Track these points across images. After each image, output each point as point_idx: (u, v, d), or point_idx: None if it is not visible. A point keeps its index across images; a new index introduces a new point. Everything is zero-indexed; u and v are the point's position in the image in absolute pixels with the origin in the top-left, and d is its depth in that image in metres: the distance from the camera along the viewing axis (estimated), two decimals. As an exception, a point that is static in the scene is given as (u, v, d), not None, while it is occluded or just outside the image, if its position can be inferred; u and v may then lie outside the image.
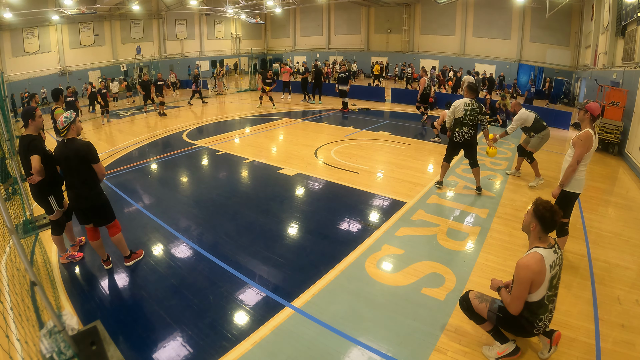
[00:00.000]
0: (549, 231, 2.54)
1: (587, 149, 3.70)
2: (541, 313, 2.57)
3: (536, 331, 2.63)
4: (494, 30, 22.92)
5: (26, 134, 3.78)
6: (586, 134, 3.68)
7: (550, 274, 2.49)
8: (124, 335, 3.06)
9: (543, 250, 2.52)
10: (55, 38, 22.26)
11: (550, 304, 2.61)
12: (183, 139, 10.08)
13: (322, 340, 2.99)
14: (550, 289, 2.54)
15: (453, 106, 5.79)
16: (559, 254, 2.59)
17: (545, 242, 2.56)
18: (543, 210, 2.50)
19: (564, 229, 3.97)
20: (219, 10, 26.22)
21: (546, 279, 2.48)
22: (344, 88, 13.77)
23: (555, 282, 2.58)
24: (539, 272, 2.45)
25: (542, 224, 2.51)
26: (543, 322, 2.61)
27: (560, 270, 2.61)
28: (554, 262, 2.53)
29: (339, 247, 4.41)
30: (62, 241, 4.13)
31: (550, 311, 2.62)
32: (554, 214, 2.49)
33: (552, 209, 2.50)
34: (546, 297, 2.54)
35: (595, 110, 3.72)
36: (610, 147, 9.07)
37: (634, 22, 9.76)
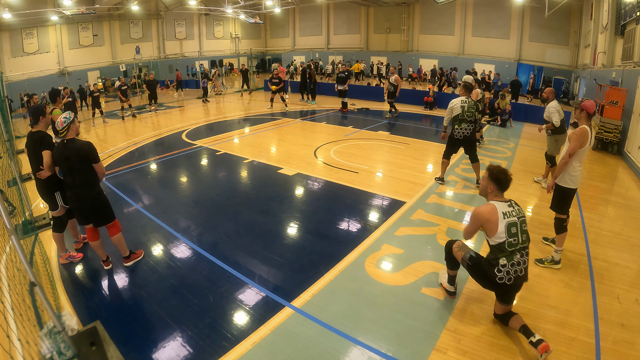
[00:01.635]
0: (504, 190, 2.94)
1: (581, 145, 3.71)
2: (502, 257, 2.85)
3: (499, 279, 2.85)
4: (493, 29, 22.92)
5: (37, 130, 3.86)
6: (581, 130, 3.73)
7: (505, 220, 2.84)
8: (124, 335, 3.06)
9: (497, 202, 2.92)
10: (55, 38, 22.24)
11: (514, 254, 2.84)
12: (182, 139, 10.07)
13: (322, 340, 2.99)
14: (510, 237, 2.83)
15: (450, 105, 5.91)
16: (515, 208, 2.91)
17: (499, 197, 2.95)
18: (497, 173, 2.90)
19: (563, 225, 3.97)
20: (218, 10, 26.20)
21: (501, 225, 2.84)
22: (343, 88, 13.78)
23: (516, 231, 2.85)
24: (490, 218, 2.85)
25: (498, 184, 2.92)
26: (506, 271, 2.84)
27: (521, 224, 2.87)
28: (508, 212, 2.86)
29: (338, 247, 4.42)
30: (62, 240, 4.14)
31: (514, 263, 2.83)
32: (506, 175, 2.90)
33: (505, 171, 2.91)
34: (507, 243, 2.84)
35: (591, 107, 3.79)
36: (609, 146, 9.07)
37: (633, 21, 9.76)
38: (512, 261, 2.84)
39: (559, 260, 3.98)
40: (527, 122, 12.52)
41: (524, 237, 2.89)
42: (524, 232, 2.89)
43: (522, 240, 2.87)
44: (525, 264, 2.90)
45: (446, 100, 14.91)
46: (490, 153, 8.55)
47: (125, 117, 13.49)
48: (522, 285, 2.98)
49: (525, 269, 2.91)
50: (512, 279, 2.85)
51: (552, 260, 4.00)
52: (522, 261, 2.87)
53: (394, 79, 12.17)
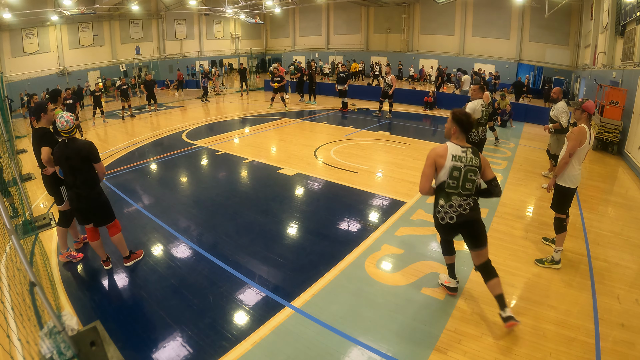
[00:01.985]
0: (466, 132, 3.04)
1: (580, 143, 3.73)
2: (440, 198, 3.04)
3: (440, 220, 3.04)
4: (493, 29, 22.93)
5: (39, 127, 3.92)
6: (580, 129, 3.76)
7: (451, 162, 2.95)
8: (124, 335, 3.06)
9: (452, 144, 3.02)
10: (55, 38, 22.25)
11: (452, 196, 2.98)
12: (182, 139, 10.07)
13: (322, 340, 2.99)
14: (451, 179, 2.96)
15: (472, 108, 5.76)
16: (468, 156, 2.96)
17: (459, 141, 3.03)
18: (460, 115, 3.01)
19: (562, 225, 3.97)
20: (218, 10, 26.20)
21: (447, 165, 2.95)
22: (343, 88, 13.79)
23: (458, 176, 2.95)
24: (441, 156, 2.97)
25: (460, 125, 3.01)
26: (444, 211, 3.01)
27: (466, 172, 2.95)
28: (458, 156, 2.95)
29: (338, 247, 4.42)
30: (66, 236, 4.18)
31: (452, 204, 2.97)
32: (468, 117, 3.01)
33: (467, 114, 3.02)
34: (446, 184, 2.98)
35: (591, 108, 3.84)
36: (609, 146, 9.07)
37: (633, 21, 9.77)
38: (450, 202, 2.98)
39: (559, 260, 3.98)
40: (527, 122, 12.53)
41: (468, 185, 2.96)
42: (468, 181, 2.96)
43: (465, 187, 2.96)
44: (470, 205, 2.97)
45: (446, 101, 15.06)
46: (490, 153, 8.55)
47: (125, 117, 13.50)
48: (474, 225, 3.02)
49: (472, 209, 2.97)
50: (453, 218, 2.97)
51: (552, 260, 3.99)
52: (464, 204, 2.97)
53: (389, 78, 12.14)
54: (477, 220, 3.04)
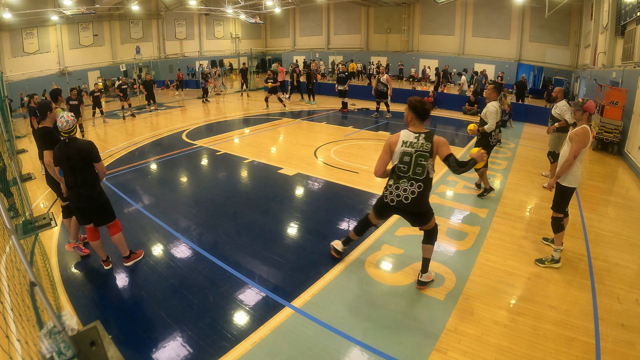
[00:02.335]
0: (422, 118, 3.20)
1: (584, 145, 3.76)
2: (391, 178, 3.25)
3: (384, 197, 3.30)
4: (494, 29, 22.93)
5: (42, 126, 3.98)
6: (583, 130, 3.77)
7: (401, 148, 3.16)
8: (124, 335, 3.06)
9: (406, 131, 3.21)
10: (55, 38, 22.26)
11: (401, 179, 3.17)
12: (183, 139, 10.07)
13: (322, 340, 2.99)
14: (402, 164, 3.16)
15: (492, 111, 5.51)
16: (420, 141, 3.13)
17: (414, 128, 3.21)
18: (414, 102, 3.18)
19: (560, 224, 3.99)
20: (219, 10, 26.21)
21: (397, 150, 3.18)
22: (343, 88, 13.78)
23: (409, 161, 3.13)
24: (393, 142, 3.22)
25: (415, 112, 3.17)
26: (389, 191, 3.25)
27: (416, 157, 3.12)
28: (409, 142, 3.15)
29: (338, 247, 4.41)
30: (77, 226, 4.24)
31: (399, 186, 3.18)
32: (423, 103, 3.17)
33: (422, 100, 3.19)
34: (397, 167, 3.20)
35: (592, 108, 3.87)
36: (609, 146, 9.07)
37: (633, 21, 9.76)
38: (398, 184, 3.18)
39: (559, 259, 4.00)
40: (527, 122, 12.53)
41: (418, 170, 3.11)
42: (419, 166, 3.11)
43: (415, 172, 3.12)
44: (414, 194, 3.14)
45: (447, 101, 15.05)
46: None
47: (125, 116, 13.50)
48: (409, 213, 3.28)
49: (413, 199, 3.14)
50: (394, 200, 3.21)
51: (552, 259, 4.01)
52: (409, 190, 3.14)
53: (384, 78, 12.06)
54: (415, 213, 3.27)
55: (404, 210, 3.26)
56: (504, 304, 3.43)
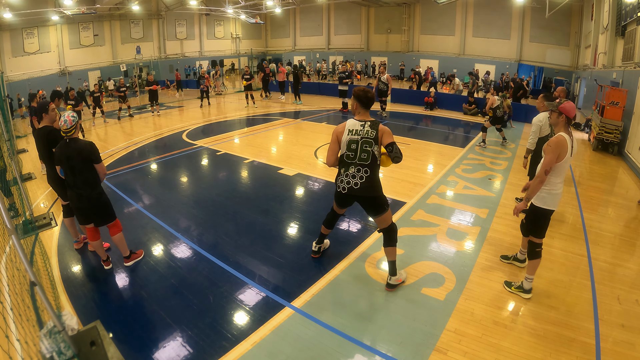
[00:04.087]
0: (366, 107, 3.30)
1: (558, 157, 3.10)
2: (341, 167, 3.37)
3: (337, 187, 3.43)
4: (494, 30, 22.92)
5: (43, 126, 4.01)
6: (557, 139, 3.11)
7: (347, 136, 3.26)
8: (124, 335, 3.06)
9: (352, 120, 3.32)
10: (55, 38, 22.26)
11: (349, 166, 3.29)
12: (183, 139, 10.08)
13: (322, 340, 2.99)
14: (349, 151, 3.27)
15: (537, 125, 5.04)
16: (365, 129, 3.24)
17: (360, 116, 3.32)
18: (358, 92, 3.30)
19: (536, 251, 3.41)
20: (219, 10, 26.20)
21: (344, 139, 3.27)
22: (344, 88, 13.79)
23: (355, 148, 3.24)
24: (340, 132, 3.31)
25: (359, 101, 3.29)
26: (340, 179, 3.36)
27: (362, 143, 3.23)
28: (355, 130, 3.25)
29: (339, 247, 4.41)
30: (74, 224, 4.27)
31: (348, 174, 3.30)
32: (366, 93, 3.27)
33: (365, 89, 3.30)
34: (345, 155, 3.30)
35: (570, 111, 3.17)
36: (610, 147, 9.07)
37: (633, 22, 9.76)
38: (347, 172, 3.29)
39: (530, 289, 3.47)
40: (527, 122, 12.52)
41: (363, 155, 3.23)
42: (364, 152, 3.23)
43: (360, 157, 3.24)
44: (362, 179, 3.26)
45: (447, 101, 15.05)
46: (490, 154, 8.55)
47: (121, 117, 13.45)
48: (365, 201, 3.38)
49: (362, 184, 3.26)
50: (345, 189, 3.32)
51: (520, 287, 3.51)
52: (357, 175, 3.27)
53: (385, 77, 12.17)
54: (367, 197, 3.35)
55: (356, 197, 3.39)
56: (504, 305, 3.43)
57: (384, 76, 12.18)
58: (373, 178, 3.30)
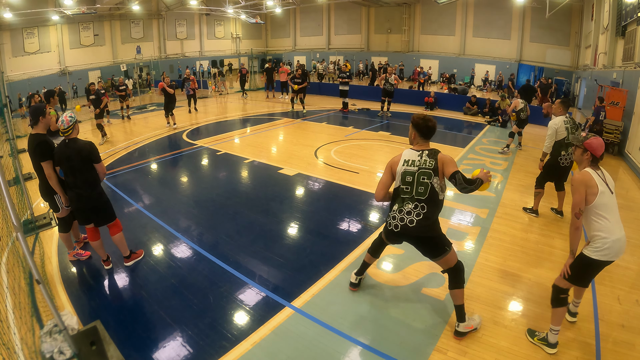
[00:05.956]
0: (426, 137, 2.96)
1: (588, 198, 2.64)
2: (393, 203, 3.00)
3: (388, 225, 3.01)
4: (494, 30, 22.91)
5: (35, 133, 3.74)
6: (580, 176, 2.68)
7: (402, 167, 2.91)
8: (124, 335, 3.06)
9: (408, 150, 2.99)
10: (55, 38, 22.25)
11: (405, 201, 2.89)
12: (183, 139, 10.08)
13: (322, 340, 2.99)
14: (403, 184, 2.90)
15: (553, 128, 4.97)
16: (423, 158, 2.88)
17: (418, 146, 2.99)
18: (417, 119, 2.94)
19: (560, 297, 2.84)
20: (219, 10, 26.20)
21: (399, 170, 2.92)
22: (345, 88, 13.80)
23: (411, 180, 2.87)
24: (395, 162, 2.97)
25: (418, 130, 2.94)
26: (392, 216, 2.95)
27: (419, 175, 2.85)
28: (411, 161, 2.90)
29: (339, 247, 4.42)
30: (69, 239, 4.17)
31: (403, 210, 2.88)
32: (427, 121, 2.92)
33: (425, 117, 2.94)
34: (400, 189, 2.93)
35: (598, 148, 2.70)
36: (610, 147, 9.06)
37: (634, 22, 9.76)
38: (402, 207, 2.89)
39: (555, 343, 2.86)
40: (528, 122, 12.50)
41: (420, 189, 2.83)
42: (421, 185, 2.83)
43: (417, 191, 2.84)
44: (419, 216, 2.82)
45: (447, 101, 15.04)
46: (490, 154, 8.55)
47: (124, 116, 13.47)
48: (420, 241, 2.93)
49: (419, 222, 2.82)
50: (398, 226, 2.90)
51: (544, 339, 2.91)
52: (413, 212, 2.84)
53: (392, 78, 12.25)
54: (422, 238, 2.89)
55: (410, 236, 2.92)
56: (504, 305, 3.43)
57: (392, 77, 12.24)
58: (431, 215, 2.85)
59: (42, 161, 3.66)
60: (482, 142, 9.72)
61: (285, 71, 17.22)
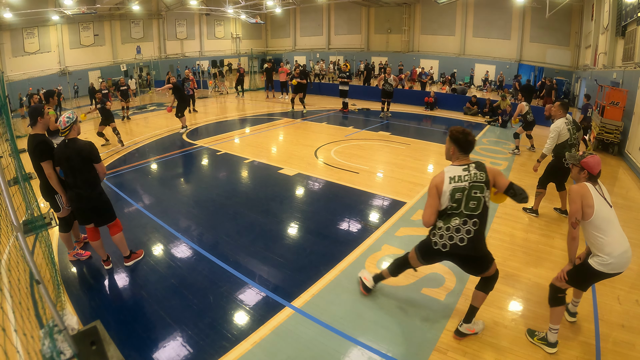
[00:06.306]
0: (466, 151, 2.78)
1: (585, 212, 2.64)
2: (441, 223, 2.72)
3: (433, 244, 2.75)
4: (494, 30, 22.92)
5: (34, 133, 3.74)
6: (577, 188, 2.69)
7: (450, 185, 2.67)
8: (124, 335, 3.06)
9: (450, 166, 2.78)
10: (55, 38, 22.25)
11: (452, 217, 2.67)
12: (183, 139, 10.07)
13: (322, 340, 2.99)
14: (453, 202, 2.66)
15: (555, 131, 4.99)
16: (471, 172, 2.69)
17: (458, 162, 2.78)
18: (457, 134, 2.75)
19: (558, 297, 2.87)
20: (219, 10, 26.21)
21: (445, 190, 2.68)
22: (344, 88, 13.80)
23: (461, 197, 2.64)
24: (439, 182, 2.72)
25: (458, 144, 2.76)
26: (440, 234, 2.71)
27: (470, 189, 2.64)
28: (457, 176, 2.68)
29: (339, 247, 4.42)
30: (69, 239, 4.18)
31: (450, 227, 2.66)
32: (466, 135, 2.73)
33: (465, 131, 2.75)
34: (449, 208, 2.68)
35: (594, 167, 2.74)
36: (610, 147, 9.07)
37: (634, 22, 9.76)
38: (449, 225, 2.64)
39: (555, 342, 2.87)
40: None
41: (472, 204, 2.61)
42: (473, 199, 2.61)
43: (468, 207, 2.61)
44: (470, 234, 2.61)
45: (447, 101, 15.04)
46: (491, 154, 8.55)
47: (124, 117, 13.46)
48: (465, 258, 2.73)
49: (470, 240, 2.61)
50: (447, 245, 2.67)
51: (544, 339, 2.92)
52: (463, 229, 2.61)
53: (391, 78, 12.26)
54: (474, 257, 2.73)
55: (457, 256, 2.73)
56: (504, 305, 3.44)
57: (391, 77, 12.25)
58: (482, 232, 2.67)
59: (41, 161, 3.66)
60: (482, 142, 9.72)
61: (284, 71, 17.23)
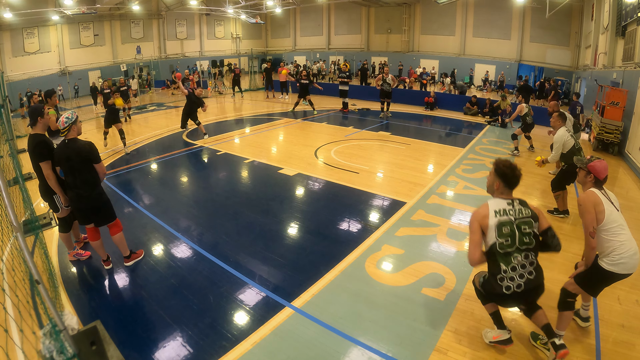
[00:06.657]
0: (511, 187, 2.64)
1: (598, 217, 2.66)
2: (499, 262, 2.56)
3: (505, 289, 2.55)
4: (494, 30, 22.91)
5: (34, 133, 3.74)
6: (586, 197, 2.73)
7: (495, 219, 2.55)
8: (124, 335, 3.06)
9: (494, 199, 2.65)
10: (55, 38, 22.25)
11: (511, 255, 2.54)
12: (183, 139, 10.07)
13: (322, 340, 2.99)
14: (501, 237, 2.54)
15: (559, 141, 4.98)
16: (515, 207, 2.59)
17: (503, 196, 2.66)
18: (503, 168, 2.60)
19: (567, 301, 2.86)
20: (219, 10, 26.21)
21: (491, 224, 2.55)
22: (344, 88, 13.80)
23: (509, 232, 2.54)
24: (484, 216, 2.58)
25: (504, 180, 2.62)
26: (508, 277, 2.54)
27: (519, 225, 2.55)
28: (502, 210, 2.57)
29: (339, 247, 4.42)
30: (69, 239, 4.18)
31: (515, 266, 2.53)
32: (514, 170, 2.59)
33: (512, 166, 2.60)
34: (497, 244, 2.55)
35: (601, 172, 2.76)
36: (610, 147, 9.07)
37: (634, 22, 9.76)
38: (512, 264, 2.54)
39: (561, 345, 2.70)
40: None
41: (526, 239, 2.54)
42: (525, 234, 2.54)
43: (522, 241, 2.54)
44: (533, 265, 2.57)
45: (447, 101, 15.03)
46: (491, 154, 8.54)
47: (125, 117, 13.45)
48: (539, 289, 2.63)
49: (536, 277, 2.57)
50: (521, 285, 2.53)
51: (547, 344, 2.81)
52: (526, 263, 2.55)
53: (389, 78, 12.25)
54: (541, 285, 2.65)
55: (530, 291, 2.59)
56: (504, 305, 3.43)
57: (389, 77, 12.24)
58: (540, 264, 2.64)
59: (40, 161, 3.66)
60: (482, 142, 9.72)
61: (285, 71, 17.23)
